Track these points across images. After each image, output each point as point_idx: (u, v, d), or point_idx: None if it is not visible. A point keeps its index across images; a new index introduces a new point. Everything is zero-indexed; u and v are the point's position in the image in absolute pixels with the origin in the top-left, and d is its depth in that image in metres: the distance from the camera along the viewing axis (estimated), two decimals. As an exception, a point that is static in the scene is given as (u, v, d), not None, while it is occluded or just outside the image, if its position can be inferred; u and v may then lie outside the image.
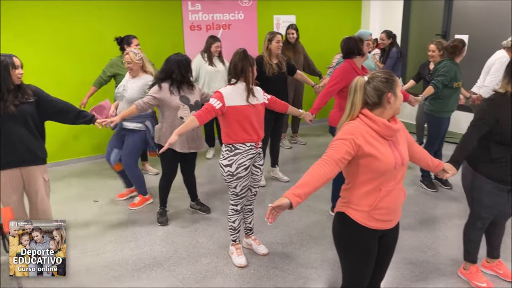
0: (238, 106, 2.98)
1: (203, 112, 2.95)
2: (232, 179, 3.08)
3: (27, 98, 3.02)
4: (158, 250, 3.51)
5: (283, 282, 3.06)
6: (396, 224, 2.13)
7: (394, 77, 1.98)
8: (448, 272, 3.14)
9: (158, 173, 5.00)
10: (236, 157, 3.05)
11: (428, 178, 4.69)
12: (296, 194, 1.80)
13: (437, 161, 2.35)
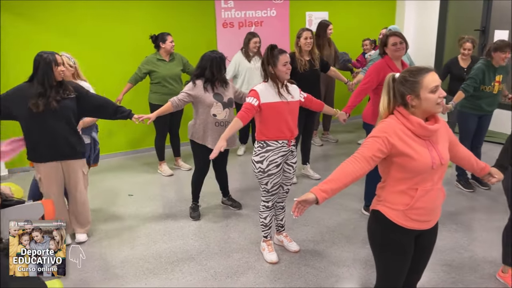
0: (271, 102, 3.00)
1: (244, 112, 2.98)
2: (263, 175, 3.10)
3: (68, 94, 3.16)
4: (190, 244, 3.56)
5: (314, 279, 3.06)
6: (435, 225, 2.07)
7: (417, 78, 1.87)
8: (486, 275, 3.05)
9: (191, 168, 5.08)
10: (267, 154, 3.06)
11: (465, 177, 4.56)
12: (322, 189, 1.80)
13: (483, 164, 2.24)
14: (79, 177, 3.38)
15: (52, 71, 3.08)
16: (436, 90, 1.87)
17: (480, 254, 3.32)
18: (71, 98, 3.20)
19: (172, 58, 4.91)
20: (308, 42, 4.33)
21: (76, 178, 3.37)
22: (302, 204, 1.81)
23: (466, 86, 4.13)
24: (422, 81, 1.87)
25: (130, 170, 5.33)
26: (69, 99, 3.19)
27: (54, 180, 3.31)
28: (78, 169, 3.37)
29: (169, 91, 4.80)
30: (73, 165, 3.34)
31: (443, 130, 2.02)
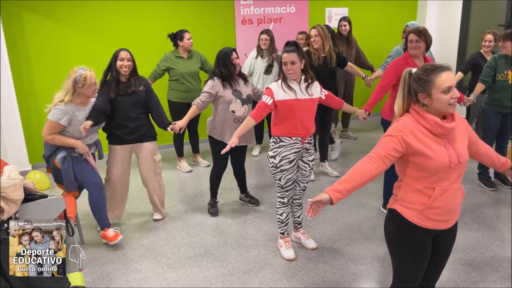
0: (285, 100, 3.00)
1: (257, 111, 3.01)
2: (276, 171, 3.11)
3: (140, 86, 3.60)
4: (208, 240, 3.60)
5: (331, 277, 3.05)
6: (454, 225, 2.04)
7: (430, 77, 1.83)
8: (507, 275, 2.99)
9: (209, 165, 5.12)
10: (280, 149, 3.07)
11: (486, 176, 4.47)
12: (337, 190, 1.80)
13: (504, 159, 2.19)
14: (150, 163, 3.74)
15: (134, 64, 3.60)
16: (449, 90, 1.83)
17: (502, 254, 3.26)
18: (141, 90, 3.60)
19: (191, 55, 4.94)
20: (313, 40, 4.30)
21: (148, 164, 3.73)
22: (316, 205, 1.81)
23: (483, 76, 4.15)
24: (435, 81, 1.83)
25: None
26: (140, 91, 3.59)
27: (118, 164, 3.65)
28: (150, 156, 3.72)
29: (187, 88, 4.84)
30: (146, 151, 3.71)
31: (462, 128, 1.98)
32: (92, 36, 5.30)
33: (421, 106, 1.91)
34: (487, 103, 4.25)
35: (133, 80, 3.56)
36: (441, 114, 1.91)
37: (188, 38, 4.83)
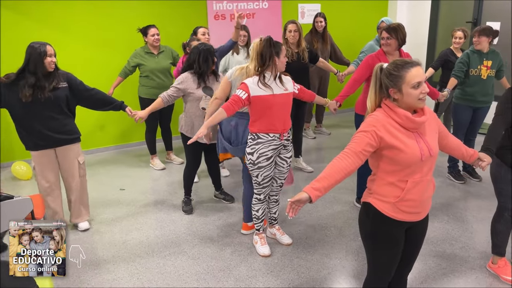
0: (262, 95, 2.97)
1: (230, 104, 2.95)
2: (254, 167, 3.09)
3: (60, 83, 3.24)
4: (183, 238, 3.55)
5: (307, 272, 3.06)
6: (425, 217, 2.08)
7: (400, 72, 1.85)
8: (477, 266, 3.07)
9: (183, 162, 5.06)
10: (257, 146, 3.05)
11: (456, 169, 4.59)
12: (315, 188, 1.81)
13: (472, 150, 2.26)
14: (75, 166, 3.44)
15: (43, 62, 3.10)
16: (419, 86, 1.86)
17: (471, 245, 3.35)
18: (63, 88, 3.27)
19: (161, 51, 4.86)
20: (292, 35, 4.30)
21: (72, 167, 3.44)
22: (296, 204, 1.81)
23: (455, 71, 4.23)
24: (406, 76, 1.85)
25: (121, 164, 5.30)
26: (61, 89, 3.26)
27: (49, 169, 3.35)
28: (73, 158, 3.43)
29: (158, 84, 4.76)
30: (68, 153, 3.40)
31: (432, 122, 2.01)
32: (60, 31, 5.14)
33: (392, 101, 1.93)
34: (458, 98, 4.34)
35: (54, 76, 3.22)
36: (412, 109, 1.93)
37: (152, 34, 4.72)
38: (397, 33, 3.51)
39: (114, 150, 5.81)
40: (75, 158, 3.43)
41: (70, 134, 3.38)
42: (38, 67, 3.12)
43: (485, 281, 2.91)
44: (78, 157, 3.46)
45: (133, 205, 4.18)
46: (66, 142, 3.37)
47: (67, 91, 3.29)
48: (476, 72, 4.16)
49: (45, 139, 3.27)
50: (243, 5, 6.14)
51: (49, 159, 3.35)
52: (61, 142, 3.35)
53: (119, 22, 5.44)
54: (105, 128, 5.72)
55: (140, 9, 5.52)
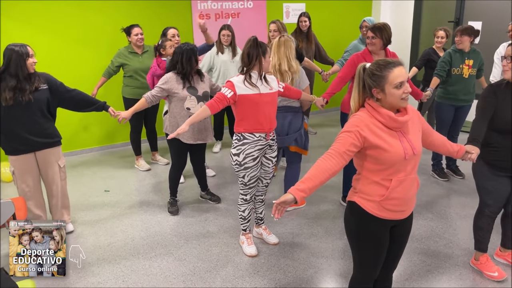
0: (249, 94, 2.96)
1: (214, 102, 2.94)
2: (240, 168, 3.08)
3: (40, 85, 3.15)
4: (169, 239, 3.52)
5: (293, 271, 3.07)
6: (410, 215, 2.09)
7: (383, 73, 1.86)
8: (461, 262, 3.12)
9: (168, 163, 5.02)
10: (244, 146, 3.04)
11: (439, 167, 4.65)
12: (300, 189, 1.82)
13: (458, 145, 2.28)
14: (55, 170, 3.33)
15: (25, 64, 3.03)
16: (401, 85, 1.87)
17: (455, 242, 3.39)
18: (43, 90, 3.19)
19: (145, 51, 4.81)
20: (272, 35, 4.31)
21: (52, 171, 3.34)
22: (281, 206, 1.82)
23: (437, 70, 4.29)
24: (388, 76, 1.86)
25: (106, 166, 5.24)
26: (41, 91, 3.18)
27: (29, 173, 3.25)
28: (53, 161, 3.33)
29: (142, 84, 4.71)
30: (49, 157, 3.30)
31: (415, 120, 2.02)
32: (41, 31, 5.06)
33: (375, 101, 1.94)
34: (441, 97, 4.40)
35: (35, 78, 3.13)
36: (395, 108, 1.95)
37: (136, 34, 4.67)
38: (382, 32, 3.54)
39: (99, 151, 5.75)
40: (55, 162, 3.35)
41: (51, 138, 3.30)
42: (19, 69, 3.03)
43: (469, 277, 2.96)
44: (58, 160, 3.38)
45: (118, 206, 4.14)
46: (47, 146, 3.29)
47: (47, 93, 3.20)
48: (458, 71, 4.23)
49: (25, 143, 3.18)
50: (228, 4, 6.13)
51: (29, 164, 3.26)
52: (42, 146, 3.26)
53: (102, 22, 5.37)
54: (89, 129, 5.65)
55: (123, 8, 5.46)
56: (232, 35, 5.07)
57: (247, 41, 3.02)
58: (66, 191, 3.56)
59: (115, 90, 5.07)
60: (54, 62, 5.07)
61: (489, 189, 2.79)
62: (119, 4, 5.43)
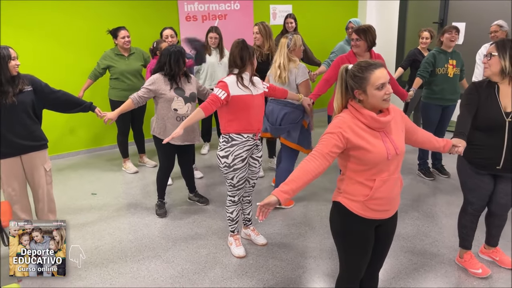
0: (242, 95, 2.99)
1: (208, 104, 2.94)
2: (229, 170, 3.08)
3: (24, 87, 3.11)
4: (157, 242, 3.51)
5: (281, 272, 3.08)
6: (394, 214, 2.12)
7: (365, 74, 1.88)
8: (446, 260, 3.16)
9: (156, 165, 5.00)
10: (232, 148, 3.05)
11: (426, 166, 4.71)
12: (284, 191, 1.83)
13: (443, 140, 2.31)
14: (41, 174, 3.29)
15: (7, 66, 2.99)
16: (383, 87, 1.89)
17: (441, 240, 3.44)
18: (27, 92, 3.14)
19: (132, 53, 4.79)
20: (254, 37, 4.35)
21: (38, 174, 3.29)
22: (265, 207, 1.83)
23: (420, 71, 4.35)
24: (370, 78, 1.88)
25: (93, 168, 5.20)
26: (26, 93, 3.13)
27: (14, 177, 3.22)
28: (39, 165, 3.28)
29: (129, 86, 4.69)
30: (35, 160, 3.26)
31: (398, 120, 2.05)
32: (25, 32, 5.00)
33: (357, 102, 1.96)
34: (427, 97, 4.45)
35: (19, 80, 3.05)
36: (377, 109, 1.97)
37: (122, 36, 4.65)
38: (366, 34, 3.58)
39: (86, 154, 5.70)
40: (41, 165, 3.30)
41: (38, 141, 3.24)
42: (1, 71, 2.98)
43: (454, 274, 3.00)
44: (44, 164, 3.32)
45: (105, 209, 4.11)
46: (33, 149, 3.23)
47: (32, 95, 3.15)
48: (444, 70, 4.28)
49: (11, 146, 3.12)
50: (214, 6, 6.13)
51: (15, 167, 3.20)
52: (28, 149, 3.20)
53: (88, 24, 5.33)
54: (76, 132, 5.60)
55: (109, 10, 5.43)
56: (220, 38, 5.07)
57: (235, 44, 3.04)
58: (52, 195, 3.51)
59: (101, 92, 5.03)
60: (39, 65, 5.02)
61: (472, 187, 2.83)
62: (104, 6, 5.40)
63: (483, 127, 2.66)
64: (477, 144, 2.70)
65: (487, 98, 2.64)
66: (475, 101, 2.66)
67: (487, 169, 2.74)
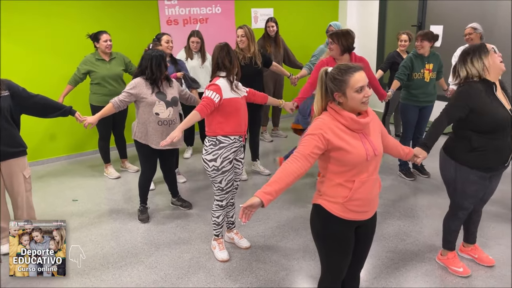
0: (232, 98, 3.03)
1: (204, 106, 2.95)
2: (218, 173, 3.08)
3: (1, 92, 3.06)
4: (139, 247, 3.48)
5: (265, 274, 3.08)
6: (374, 215, 2.15)
7: (344, 77, 1.91)
8: (427, 259, 3.21)
9: (138, 170, 4.97)
10: (220, 151, 3.05)
11: (406, 167, 4.77)
12: (266, 192, 1.84)
13: (408, 148, 2.41)
14: (20, 181, 3.24)
15: None
16: (362, 90, 1.92)
17: (421, 239, 3.49)
18: (4, 96, 3.09)
19: (113, 57, 4.75)
20: (240, 40, 4.35)
21: (18, 181, 3.23)
22: (248, 209, 1.84)
23: (398, 74, 4.42)
24: (349, 81, 1.91)
25: (74, 175, 5.13)
26: (3, 98, 3.08)
27: None
28: (18, 172, 3.22)
29: (110, 91, 4.64)
30: (13, 167, 3.20)
31: (375, 122, 2.09)
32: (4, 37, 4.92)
33: (337, 104, 1.99)
34: (405, 99, 4.54)
35: None
36: (356, 111, 2.00)
37: (105, 40, 4.61)
38: (339, 38, 3.62)
39: (66, 160, 5.62)
40: (20, 172, 3.24)
41: (16, 147, 3.19)
42: None
43: (434, 273, 3.05)
44: (23, 171, 3.27)
45: (86, 216, 4.06)
46: (12, 156, 3.18)
47: (9, 100, 3.10)
48: (420, 75, 4.37)
49: None
50: (196, 9, 6.13)
51: None
52: (7, 155, 3.15)
53: (67, 27, 5.27)
54: (56, 137, 5.52)
55: (89, 14, 5.38)
56: (201, 41, 5.07)
57: (219, 47, 3.06)
58: (31, 202, 3.45)
59: (82, 97, 4.98)
60: (17, 70, 4.94)
61: (471, 194, 2.79)
62: (83, 10, 5.34)
63: (489, 129, 2.59)
64: (482, 149, 2.63)
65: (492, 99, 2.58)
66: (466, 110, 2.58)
67: (494, 169, 2.72)
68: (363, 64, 3.73)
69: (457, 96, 2.65)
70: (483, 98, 2.57)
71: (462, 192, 2.80)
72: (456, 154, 2.74)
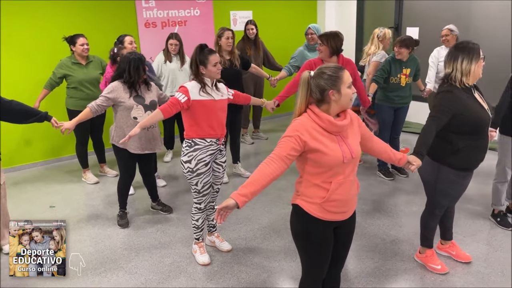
0: (203, 100, 2.98)
1: (168, 106, 2.94)
2: (193, 175, 3.06)
3: None
4: (119, 253, 3.43)
5: (246, 277, 3.08)
6: (352, 216, 2.16)
7: (338, 74, 1.95)
8: (406, 257, 3.25)
9: (117, 174, 4.89)
10: (195, 153, 3.03)
11: (385, 167, 4.84)
12: (241, 194, 1.84)
13: (400, 154, 2.35)
14: None
15: None
16: (351, 86, 1.99)
17: (401, 237, 3.54)
18: None
19: (90, 61, 4.68)
20: (229, 42, 4.34)
21: None
22: (224, 211, 1.84)
23: (376, 77, 4.49)
24: (343, 77, 1.96)
25: (51, 180, 5.03)
26: None
27: None
28: None
29: (87, 96, 4.57)
30: None
31: (354, 125, 2.10)
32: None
33: (318, 106, 1.99)
34: (381, 99, 4.61)
35: None
36: (344, 109, 2.02)
37: (81, 44, 4.53)
38: (329, 40, 3.67)
39: (43, 166, 5.51)
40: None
41: None
42: None
43: (414, 271, 3.09)
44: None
45: (64, 222, 3.97)
46: None
47: None
48: (396, 80, 4.46)
49: None
50: (174, 12, 6.09)
51: None
52: None
53: (41, 30, 5.17)
54: (32, 143, 5.40)
55: (64, 16, 5.29)
56: (180, 44, 5.04)
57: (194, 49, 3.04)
58: (6, 209, 3.37)
59: (58, 102, 4.88)
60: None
61: (451, 193, 2.85)
62: (59, 12, 5.25)
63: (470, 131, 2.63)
64: (466, 149, 2.66)
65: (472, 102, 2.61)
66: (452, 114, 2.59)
67: (473, 169, 2.79)
68: (350, 66, 3.82)
69: (441, 102, 2.64)
70: (465, 101, 2.61)
71: (442, 192, 2.84)
72: (438, 156, 2.76)
